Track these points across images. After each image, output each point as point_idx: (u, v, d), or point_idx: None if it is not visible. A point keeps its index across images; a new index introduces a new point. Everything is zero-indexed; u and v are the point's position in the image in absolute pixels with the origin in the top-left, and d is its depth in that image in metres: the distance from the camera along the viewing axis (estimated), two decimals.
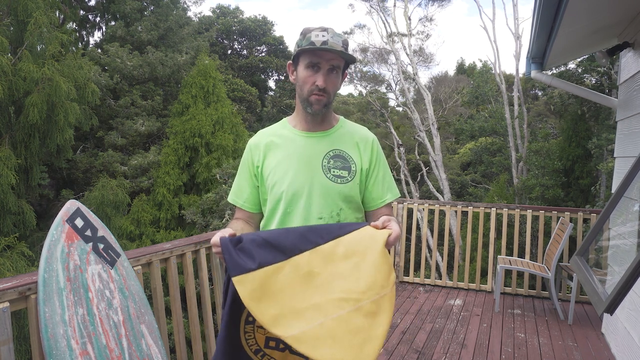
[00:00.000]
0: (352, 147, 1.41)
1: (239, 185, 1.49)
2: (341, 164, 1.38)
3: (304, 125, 1.41)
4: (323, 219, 1.36)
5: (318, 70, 1.30)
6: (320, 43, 1.27)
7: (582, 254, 2.20)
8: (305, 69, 1.32)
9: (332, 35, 1.29)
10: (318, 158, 1.37)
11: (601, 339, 3.53)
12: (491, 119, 14.73)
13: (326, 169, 1.36)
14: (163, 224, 11.16)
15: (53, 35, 8.23)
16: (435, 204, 5.08)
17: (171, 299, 2.25)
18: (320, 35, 1.28)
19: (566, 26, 2.81)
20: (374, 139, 1.45)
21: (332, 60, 1.30)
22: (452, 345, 3.40)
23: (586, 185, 10.97)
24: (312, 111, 1.35)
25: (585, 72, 11.21)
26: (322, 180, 1.35)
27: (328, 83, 1.31)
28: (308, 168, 1.36)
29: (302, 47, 1.29)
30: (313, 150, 1.38)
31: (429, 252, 14.89)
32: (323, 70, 1.30)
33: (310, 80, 1.32)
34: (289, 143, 1.40)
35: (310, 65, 1.31)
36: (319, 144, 1.39)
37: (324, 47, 1.26)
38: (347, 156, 1.39)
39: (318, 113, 1.36)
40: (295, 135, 1.41)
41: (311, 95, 1.33)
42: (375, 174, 1.42)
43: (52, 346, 1.48)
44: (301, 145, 1.39)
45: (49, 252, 1.58)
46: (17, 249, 6.89)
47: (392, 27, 20.51)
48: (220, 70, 15.27)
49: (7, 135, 8.05)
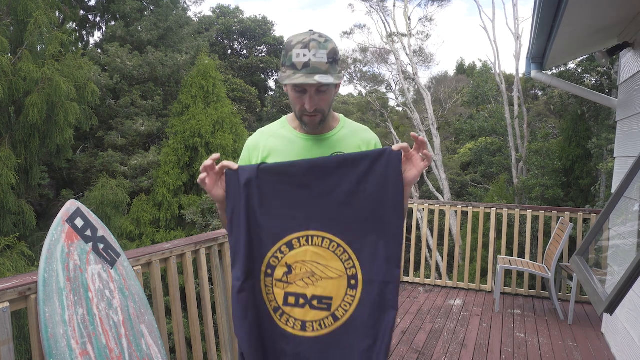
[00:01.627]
0: (354, 149, 1.37)
1: None
2: None
3: (304, 128, 1.36)
4: None
5: (304, 92, 1.23)
6: (302, 65, 1.18)
7: (582, 254, 2.20)
8: (291, 90, 1.25)
9: (315, 52, 1.18)
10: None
11: (601, 339, 3.53)
12: (491, 119, 14.72)
13: None
14: (163, 224, 11.16)
15: (53, 35, 8.23)
16: (435, 204, 5.08)
17: (171, 299, 2.25)
18: (302, 55, 1.18)
19: (566, 26, 2.81)
20: (376, 141, 1.43)
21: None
22: (452, 345, 3.40)
23: (586, 185, 10.97)
24: (308, 128, 1.32)
25: (585, 72, 11.21)
26: None
27: (317, 103, 1.25)
28: None
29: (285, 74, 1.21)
30: (314, 153, 1.34)
31: (429, 252, 14.89)
32: (310, 92, 1.22)
33: (299, 103, 1.26)
34: (289, 145, 1.36)
35: (295, 87, 1.23)
36: (320, 147, 1.35)
37: (302, 80, 1.17)
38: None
39: (314, 128, 1.33)
40: (296, 137, 1.37)
41: (302, 116, 1.29)
42: None
43: (52, 346, 1.48)
44: (301, 147, 1.35)
45: (49, 252, 1.58)
46: (17, 249, 6.89)
47: (392, 27, 20.54)
48: (220, 70, 15.26)
49: (7, 135, 8.05)
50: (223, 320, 2.51)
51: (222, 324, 2.51)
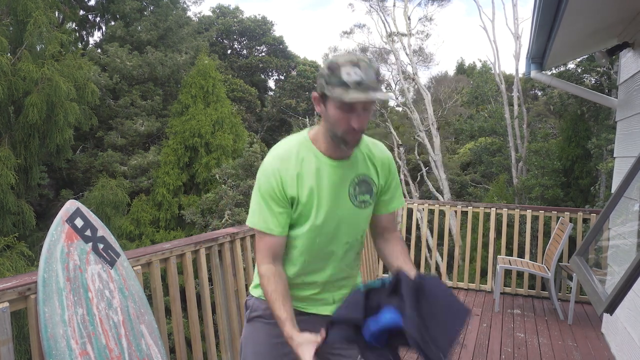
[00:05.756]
0: (370, 167, 1.41)
1: (271, 210, 1.32)
2: (365, 188, 1.38)
3: (333, 151, 1.33)
4: (349, 242, 1.39)
5: (352, 111, 1.20)
6: (354, 84, 1.15)
7: (582, 254, 2.20)
8: (336, 109, 1.22)
9: (365, 71, 1.16)
10: (345, 186, 1.35)
11: (601, 339, 3.53)
12: (491, 119, 14.72)
13: (353, 197, 1.36)
14: (163, 224, 11.16)
15: (52, 35, 8.23)
16: (435, 204, 5.08)
17: (171, 299, 2.25)
18: (353, 74, 1.15)
19: (566, 26, 2.80)
20: (390, 160, 1.46)
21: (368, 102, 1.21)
22: None
23: (586, 185, 10.97)
24: (347, 148, 1.30)
25: (585, 72, 11.22)
26: (350, 210, 1.36)
27: (363, 122, 1.23)
28: (336, 198, 1.34)
29: (334, 92, 1.18)
30: (341, 179, 1.34)
31: (429, 252, 14.89)
32: (358, 111, 1.21)
33: (344, 122, 1.22)
34: (319, 172, 1.33)
35: (344, 106, 1.20)
36: (345, 172, 1.35)
37: (361, 96, 1.16)
38: (369, 180, 1.39)
39: (354, 148, 1.31)
40: (325, 165, 1.34)
41: (347, 135, 1.25)
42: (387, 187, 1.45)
43: (51, 346, 1.48)
44: (331, 174, 1.33)
45: (48, 252, 1.58)
46: (16, 249, 6.89)
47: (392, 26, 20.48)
48: (220, 70, 15.25)
49: (6, 135, 8.05)
50: (223, 320, 2.51)
51: (222, 324, 2.51)
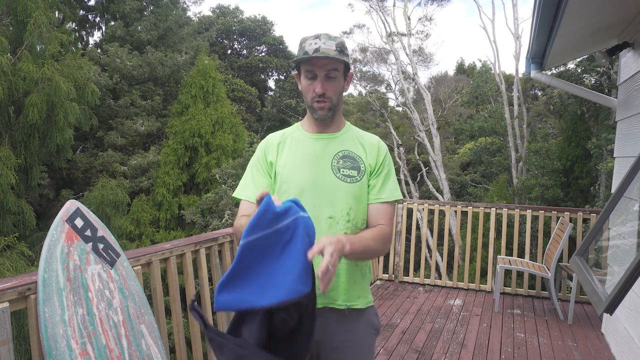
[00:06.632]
0: (359, 147, 1.46)
1: (252, 179, 1.46)
2: (351, 164, 1.42)
3: (313, 128, 1.46)
4: (334, 217, 1.37)
5: (315, 78, 1.36)
6: (313, 51, 1.32)
7: (582, 254, 2.20)
8: (304, 79, 1.38)
9: (325, 41, 1.33)
10: (327, 159, 1.41)
11: (601, 339, 3.53)
12: (491, 119, 14.72)
13: (335, 169, 1.40)
14: (163, 224, 11.16)
15: (52, 35, 8.22)
16: (435, 204, 5.08)
17: (171, 299, 2.25)
18: (313, 44, 1.33)
19: (566, 26, 2.81)
20: (379, 143, 1.50)
21: (326, 65, 1.34)
22: (451, 345, 3.40)
23: (586, 185, 10.97)
24: (318, 116, 1.41)
25: (585, 72, 11.20)
26: (331, 180, 1.38)
27: (327, 88, 1.36)
28: (316, 168, 1.40)
29: (297, 58, 1.37)
30: (322, 151, 1.43)
31: (429, 252, 14.89)
32: (320, 77, 1.36)
33: (310, 89, 1.38)
34: (299, 144, 1.46)
35: (307, 74, 1.37)
36: (327, 146, 1.44)
37: (315, 55, 1.31)
38: (356, 156, 1.43)
39: (324, 118, 1.41)
40: (306, 137, 1.47)
41: (314, 103, 1.39)
42: (378, 172, 1.44)
43: (51, 346, 1.48)
44: (310, 145, 1.44)
45: (48, 252, 1.58)
46: (16, 249, 6.89)
47: (392, 26, 20.48)
48: (220, 70, 15.25)
49: (6, 135, 8.05)
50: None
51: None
